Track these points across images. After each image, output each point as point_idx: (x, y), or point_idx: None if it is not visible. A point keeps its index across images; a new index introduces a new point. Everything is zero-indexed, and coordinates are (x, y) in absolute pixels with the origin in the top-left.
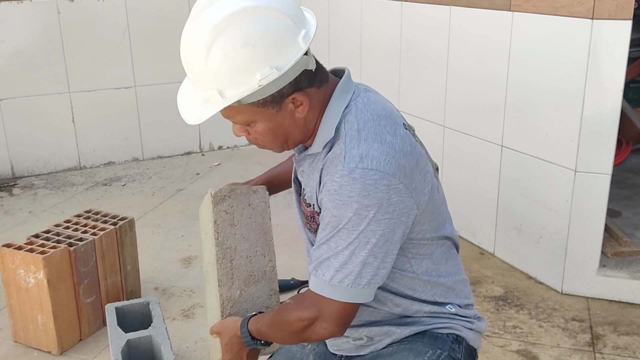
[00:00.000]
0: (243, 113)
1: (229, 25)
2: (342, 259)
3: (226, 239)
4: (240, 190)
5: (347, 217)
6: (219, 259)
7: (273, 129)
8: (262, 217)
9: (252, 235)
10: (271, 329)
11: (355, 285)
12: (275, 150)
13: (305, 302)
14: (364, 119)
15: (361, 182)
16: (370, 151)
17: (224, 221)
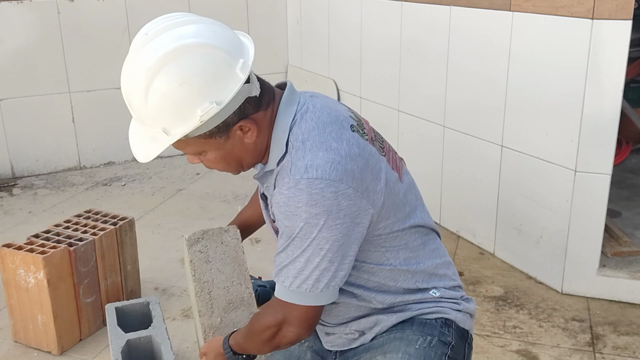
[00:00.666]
0: (192, 145)
1: (163, 66)
2: (298, 266)
3: (203, 274)
4: (212, 232)
5: (299, 226)
6: (198, 292)
7: (224, 156)
8: (235, 251)
9: (227, 268)
10: (247, 340)
11: (314, 290)
12: (232, 173)
13: (271, 309)
14: (308, 129)
15: (307, 192)
16: (315, 160)
17: (200, 259)
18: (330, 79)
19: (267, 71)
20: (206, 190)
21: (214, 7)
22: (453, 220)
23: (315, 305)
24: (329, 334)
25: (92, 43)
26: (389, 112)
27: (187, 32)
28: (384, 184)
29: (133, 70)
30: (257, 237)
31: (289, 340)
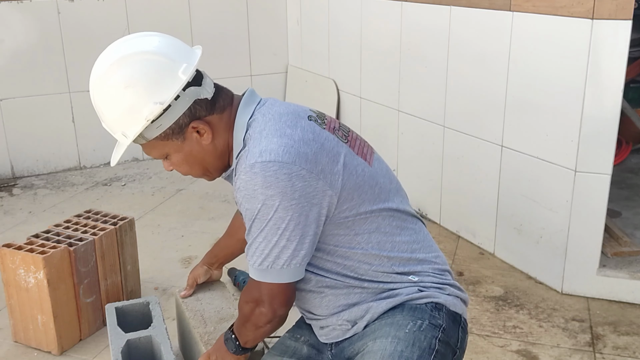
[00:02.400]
0: (155, 148)
1: (111, 75)
2: (259, 246)
3: (194, 306)
4: (200, 285)
5: (257, 208)
6: (191, 317)
7: (185, 158)
8: (221, 291)
9: (216, 301)
10: (238, 326)
11: (274, 267)
12: (204, 178)
13: (246, 289)
14: (265, 121)
15: (262, 175)
16: (269, 145)
17: (191, 299)
18: (330, 79)
19: (267, 71)
20: (206, 190)
21: (214, 7)
22: (453, 220)
23: (279, 282)
24: (322, 327)
25: (92, 43)
26: (389, 112)
27: (131, 44)
28: (342, 166)
29: (91, 82)
30: None
31: (266, 318)
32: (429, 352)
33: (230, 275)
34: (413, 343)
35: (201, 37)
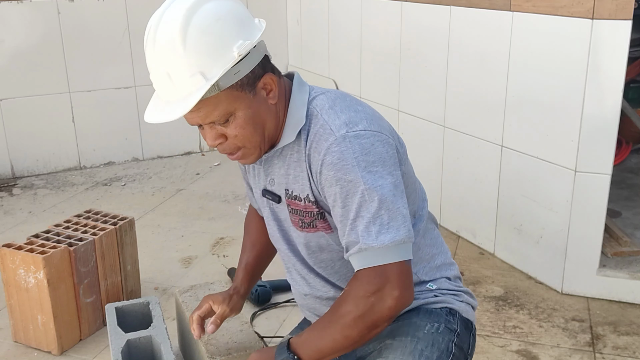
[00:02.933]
0: (223, 102)
1: (197, 8)
2: (382, 220)
3: (194, 307)
4: (200, 285)
5: (359, 177)
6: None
7: (252, 117)
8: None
9: None
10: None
11: (405, 240)
12: (251, 151)
13: (358, 284)
14: (331, 98)
15: (358, 142)
16: (352, 118)
17: (190, 299)
18: (330, 79)
19: None
20: (206, 190)
21: None
22: (453, 220)
23: (407, 259)
24: None
25: (92, 43)
26: (389, 112)
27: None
28: (405, 150)
29: (167, 20)
30: None
31: (390, 308)
32: (447, 354)
33: (230, 275)
34: (432, 344)
35: None
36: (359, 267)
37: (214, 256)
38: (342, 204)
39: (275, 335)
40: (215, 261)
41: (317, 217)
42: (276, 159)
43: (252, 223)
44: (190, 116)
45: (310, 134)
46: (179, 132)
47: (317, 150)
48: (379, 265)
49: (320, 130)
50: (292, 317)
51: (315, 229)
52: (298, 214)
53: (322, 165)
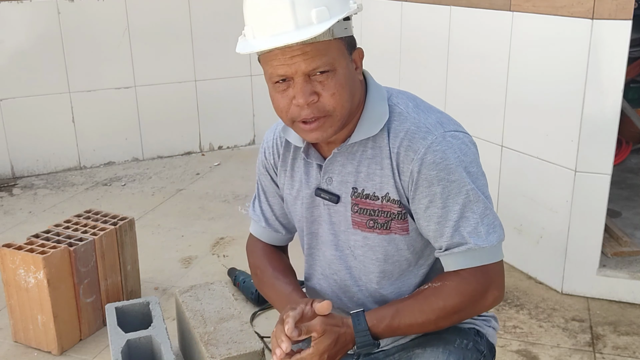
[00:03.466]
0: (332, 52)
1: None
2: (488, 220)
3: (194, 307)
4: (199, 285)
5: (464, 178)
6: (190, 317)
7: (350, 81)
8: (222, 292)
9: (216, 302)
10: (421, 316)
11: (502, 238)
12: (335, 120)
13: (468, 280)
14: (411, 98)
15: (456, 143)
16: (440, 118)
17: (190, 299)
18: None
19: None
20: (206, 190)
21: (214, 7)
22: None
23: (503, 258)
24: None
25: (92, 43)
26: None
27: None
28: None
29: None
30: None
31: (487, 307)
32: None
33: (230, 275)
34: (463, 358)
35: (201, 37)
36: (463, 266)
37: (214, 256)
38: (442, 204)
39: None
40: (215, 261)
41: (396, 218)
42: (339, 155)
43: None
44: (291, 61)
45: (396, 131)
46: (179, 132)
47: (412, 149)
48: (484, 265)
49: (413, 129)
50: None
51: (388, 231)
52: (369, 214)
53: (422, 165)
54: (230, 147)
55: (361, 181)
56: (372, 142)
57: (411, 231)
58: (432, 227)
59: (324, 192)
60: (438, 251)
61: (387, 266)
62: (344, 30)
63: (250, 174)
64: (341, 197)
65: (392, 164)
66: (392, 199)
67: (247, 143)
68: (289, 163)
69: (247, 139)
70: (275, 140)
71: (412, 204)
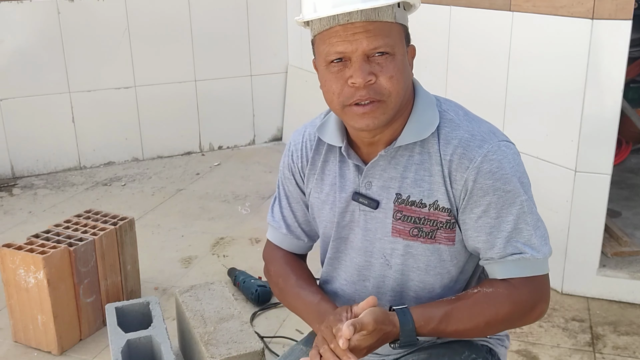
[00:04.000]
0: (393, 34)
1: None
2: (540, 232)
3: (194, 307)
4: (199, 285)
5: (518, 189)
6: (191, 317)
7: (405, 69)
8: (221, 291)
9: (216, 302)
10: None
11: (551, 252)
12: (390, 106)
13: (522, 291)
14: (459, 106)
15: (510, 153)
16: (492, 128)
17: (190, 299)
18: None
19: (267, 71)
20: (206, 190)
21: (214, 7)
22: None
23: (548, 272)
24: None
25: (92, 43)
26: None
27: None
28: None
29: None
30: (257, 237)
31: (534, 319)
32: None
33: (230, 275)
34: None
35: (201, 37)
36: (514, 275)
37: (214, 256)
38: (495, 214)
39: (275, 335)
40: (215, 261)
41: (443, 227)
42: (381, 159)
43: (294, 262)
44: (354, 37)
45: (448, 138)
46: (179, 132)
47: (467, 157)
48: (536, 275)
49: (468, 136)
50: (292, 317)
51: (432, 240)
52: (413, 222)
53: (478, 174)
54: (230, 147)
55: (407, 187)
56: (420, 147)
57: (457, 242)
58: (482, 238)
59: (362, 197)
60: (487, 260)
61: (428, 277)
62: (405, 19)
63: (250, 173)
64: (381, 202)
65: (443, 171)
66: (441, 206)
67: (247, 143)
68: (319, 166)
69: (247, 139)
70: (304, 143)
71: (462, 213)
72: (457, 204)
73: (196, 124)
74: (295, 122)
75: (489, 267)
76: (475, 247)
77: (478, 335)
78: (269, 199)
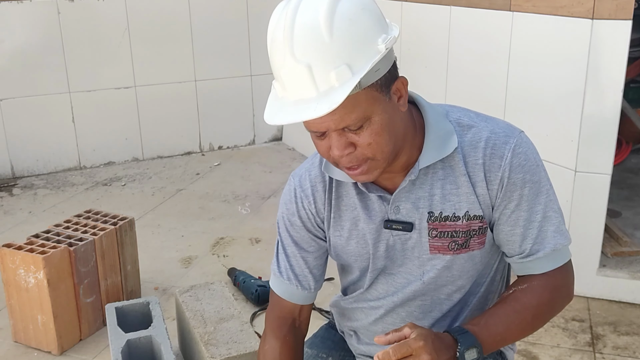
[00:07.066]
0: (362, 104)
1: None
2: (563, 218)
3: (194, 306)
4: (199, 285)
5: (544, 177)
6: (191, 317)
7: (389, 123)
8: (222, 292)
9: (216, 301)
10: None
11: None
12: (379, 163)
13: (555, 278)
14: (464, 109)
15: (530, 143)
16: (505, 121)
17: (190, 299)
18: None
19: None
20: (206, 190)
21: (214, 7)
22: None
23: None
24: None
25: (92, 43)
26: None
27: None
28: None
29: (308, 7)
30: (257, 237)
31: (569, 301)
32: None
33: (230, 275)
34: None
35: (201, 37)
36: (549, 268)
37: (214, 256)
38: (527, 206)
39: None
40: (215, 261)
41: (477, 234)
42: (404, 183)
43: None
44: (320, 120)
45: (473, 143)
46: (179, 132)
47: (497, 156)
48: (565, 263)
49: (492, 136)
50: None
51: (466, 249)
52: (450, 236)
53: (510, 170)
54: (230, 147)
55: (437, 204)
56: (442, 163)
57: (486, 243)
58: (518, 231)
59: (395, 223)
60: (519, 256)
61: (460, 281)
62: (376, 73)
63: (250, 173)
64: (414, 224)
65: (470, 179)
66: (472, 215)
67: (247, 143)
68: (333, 203)
69: (247, 139)
70: (314, 187)
71: (496, 210)
72: (492, 204)
73: (196, 124)
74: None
75: (523, 265)
76: (507, 241)
77: (529, 330)
78: (269, 198)
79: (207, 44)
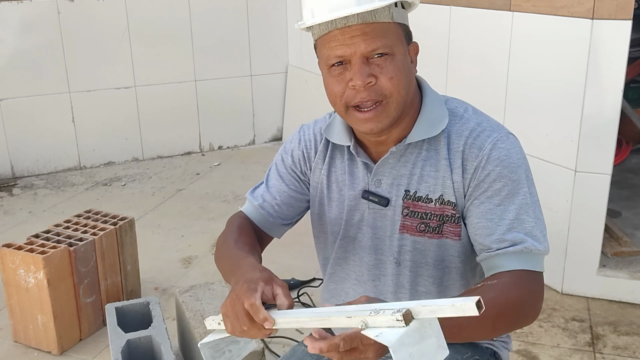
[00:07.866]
0: (391, 35)
1: None
2: (541, 226)
3: (194, 307)
4: (199, 285)
5: (524, 180)
6: (191, 317)
7: (404, 68)
8: (221, 291)
9: (216, 300)
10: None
11: (549, 250)
12: (393, 107)
13: (524, 283)
14: (464, 103)
15: (516, 144)
16: (497, 122)
17: (190, 299)
18: None
19: (267, 71)
20: (206, 190)
21: (214, 7)
22: None
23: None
24: None
25: (92, 43)
26: None
27: None
28: None
29: None
30: None
31: (536, 317)
32: None
33: None
34: None
35: (201, 38)
36: (517, 267)
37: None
38: (498, 201)
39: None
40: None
41: (449, 221)
42: (391, 157)
43: (251, 231)
44: (351, 41)
45: (459, 132)
46: (179, 132)
47: (476, 146)
48: (537, 271)
49: (478, 128)
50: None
51: (439, 235)
52: (420, 217)
53: (487, 161)
54: (230, 147)
55: (414, 183)
56: (428, 144)
57: (463, 237)
58: (482, 224)
59: (372, 195)
60: (487, 251)
61: (437, 272)
62: (403, 18)
63: (250, 173)
64: (391, 200)
65: (450, 165)
66: (446, 200)
67: (247, 143)
68: (327, 162)
69: (247, 139)
70: (315, 136)
71: (467, 200)
72: (465, 192)
73: (196, 124)
74: (295, 122)
75: (491, 261)
76: (474, 234)
77: (489, 332)
78: None
79: (207, 44)
